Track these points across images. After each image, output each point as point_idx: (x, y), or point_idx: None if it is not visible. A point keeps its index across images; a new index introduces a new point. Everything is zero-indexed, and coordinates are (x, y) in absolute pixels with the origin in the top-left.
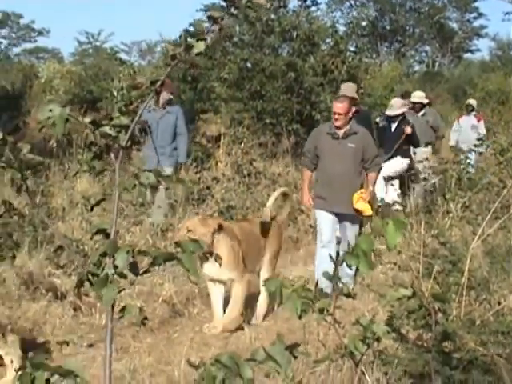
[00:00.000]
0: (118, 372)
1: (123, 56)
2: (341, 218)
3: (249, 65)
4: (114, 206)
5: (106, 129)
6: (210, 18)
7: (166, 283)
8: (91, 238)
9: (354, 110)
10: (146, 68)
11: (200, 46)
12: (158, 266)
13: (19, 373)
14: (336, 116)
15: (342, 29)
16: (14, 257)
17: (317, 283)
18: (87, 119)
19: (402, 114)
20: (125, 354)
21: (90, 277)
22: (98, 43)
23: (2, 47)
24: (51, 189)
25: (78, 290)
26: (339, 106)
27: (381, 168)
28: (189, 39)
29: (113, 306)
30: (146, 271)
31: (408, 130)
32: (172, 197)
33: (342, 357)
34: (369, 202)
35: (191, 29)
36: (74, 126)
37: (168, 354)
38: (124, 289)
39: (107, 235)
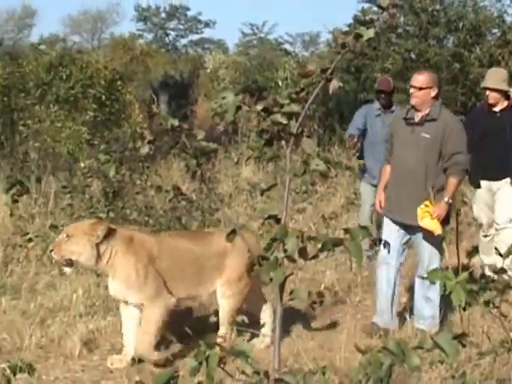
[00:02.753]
0: (281, 354)
1: (287, 47)
2: (409, 230)
3: (413, 56)
4: (286, 192)
5: (277, 116)
6: (379, 6)
7: (328, 271)
8: (263, 224)
9: (435, 92)
10: (309, 58)
11: (369, 33)
12: (326, 251)
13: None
14: (412, 90)
15: (509, 19)
16: None
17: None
18: (259, 106)
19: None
20: (288, 337)
21: (260, 260)
22: (262, 34)
23: (171, 38)
24: (217, 175)
25: (248, 272)
26: (418, 79)
27: (466, 171)
28: (358, 28)
29: (281, 290)
30: (315, 256)
31: None
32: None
33: (508, 351)
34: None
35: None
36: (245, 113)
37: (330, 339)
38: (292, 273)
39: (277, 220)
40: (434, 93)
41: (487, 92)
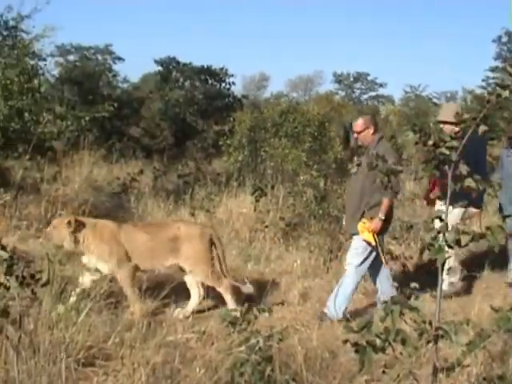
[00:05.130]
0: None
1: (435, 101)
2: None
3: None
4: (447, 201)
5: (443, 149)
6: (510, 74)
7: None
8: (431, 222)
9: (373, 129)
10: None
11: (506, 94)
12: (475, 241)
13: (383, 304)
14: (355, 135)
15: None
16: None
17: None
18: (430, 142)
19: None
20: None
21: (429, 246)
22: (417, 92)
23: (356, 94)
24: None
25: (421, 254)
26: (356, 125)
27: (396, 193)
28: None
29: (442, 266)
30: (466, 244)
31: None
32: None
33: None
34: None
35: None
36: (419, 146)
37: (464, 301)
38: (450, 256)
39: (441, 220)
40: (371, 131)
41: (441, 125)
